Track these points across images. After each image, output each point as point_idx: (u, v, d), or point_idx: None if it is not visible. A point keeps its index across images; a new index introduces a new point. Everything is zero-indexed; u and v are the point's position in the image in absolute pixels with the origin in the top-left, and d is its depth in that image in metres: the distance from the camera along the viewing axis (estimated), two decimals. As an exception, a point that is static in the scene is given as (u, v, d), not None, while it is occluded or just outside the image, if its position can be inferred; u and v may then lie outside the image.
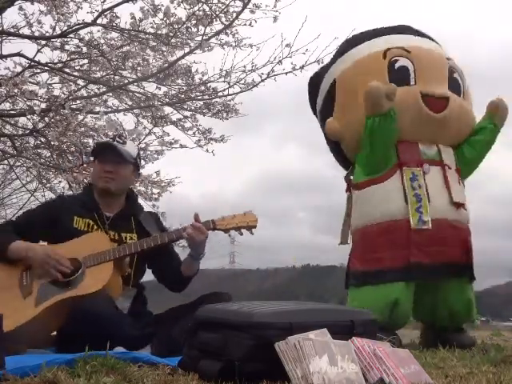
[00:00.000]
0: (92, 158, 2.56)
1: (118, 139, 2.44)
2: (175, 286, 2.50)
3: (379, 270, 3.00)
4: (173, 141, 5.06)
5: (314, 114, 3.72)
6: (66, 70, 4.87)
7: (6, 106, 4.78)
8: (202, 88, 5.03)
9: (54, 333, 2.37)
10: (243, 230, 2.31)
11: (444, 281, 3.05)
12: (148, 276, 2.54)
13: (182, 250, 2.62)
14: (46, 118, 4.47)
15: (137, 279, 2.39)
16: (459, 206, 3.10)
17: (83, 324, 1.97)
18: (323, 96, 3.52)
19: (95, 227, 2.36)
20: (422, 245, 2.96)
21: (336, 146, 3.49)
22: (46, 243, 2.41)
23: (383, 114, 2.98)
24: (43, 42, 4.52)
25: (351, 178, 3.37)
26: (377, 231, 3.09)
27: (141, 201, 4.79)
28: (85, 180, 5.15)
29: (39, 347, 2.16)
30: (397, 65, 3.22)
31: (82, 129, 4.89)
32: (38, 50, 4.51)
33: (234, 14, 4.12)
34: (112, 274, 2.19)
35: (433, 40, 3.55)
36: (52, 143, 4.65)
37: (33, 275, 2.22)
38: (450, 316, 3.11)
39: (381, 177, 3.12)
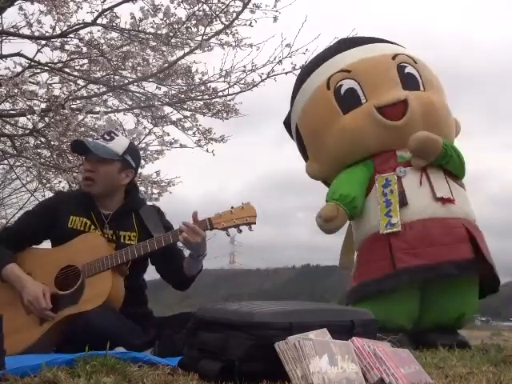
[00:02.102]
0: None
1: (105, 136, 2.34)
2: (179, 285, 2.46)
3: (366, 283, 2.99)
4: (173, 141, 5.06)
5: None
6: (66, 69, 4.86)
7: (6, 106, 4.78)
8: (202, 88, 5.03)
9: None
10: (242, 227, 2.16)
11: (447, 282, 2.94)
12: (147, 276, 2.52)
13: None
14: (46, 118, 4.47)
15: (137, 276, 2.35)
16: (445, 201, 2.99)
17: (84, 340, 1.85)
18: (295, 139, 3.60)
19: (92, 227, 2.29)
20: (406, 248, 2.89)
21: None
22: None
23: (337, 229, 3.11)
24: (43, 42, 4.52)
25: None
26: (365, 246, 3.11)
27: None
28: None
29: None
30: (342, 90, 3.20)
31: (82, 129, 4.89)
32: (38, 50, 4.52)
33: (234, 14, 4.12)
34: (113, 282, 2.14)
35: (379, 40, 3.49)
36: (52, 143, 4.65)
37: None
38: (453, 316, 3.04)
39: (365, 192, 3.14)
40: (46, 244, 2.42)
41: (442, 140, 3.02)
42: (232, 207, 2.17)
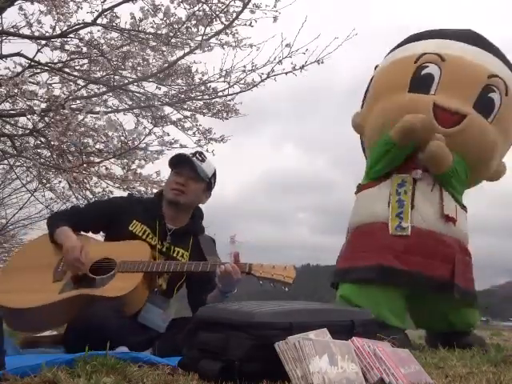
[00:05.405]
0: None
1: (197, 156, 2.48)
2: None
3: (354, 268, 3.02)
4: (173, 141, 5.05)
5: None
6: (66, 70, 4.86)
7: (6, 106, 4.78)
8: (202, 88, 5.03)
9: (54, 332, 2.38)
10: (276, 284, 2.21)
11: (434, 294, 2.98)
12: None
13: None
14: (46, 118, 4.47)
15: (173, 290, 2.40)
16: (449, 219, 3.00)
17: (84, 329, 1.97)
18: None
19: (150, 236, 2.38)
20: (399, 251, 2.92)
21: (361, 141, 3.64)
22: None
23: (405, 146, 3.02)
24: (43, 42, 4.51)
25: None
26: (360, 232, 3.14)
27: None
28: (85, 180, 5.15)
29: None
30: (424, 71, 3.19)
31: (82, 129, 4.89)
32: (38, 50, 4.51)
33: (234, 14, 4.12)
34: (138, 286, 2.18)
35: (490, 51, 3.34)
36: (52, 143, 4.65)
37: None
38: (449, 327, 3.11)
39: (376, 181, 3.16)
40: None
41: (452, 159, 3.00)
42: (275, 264, 2.23)
